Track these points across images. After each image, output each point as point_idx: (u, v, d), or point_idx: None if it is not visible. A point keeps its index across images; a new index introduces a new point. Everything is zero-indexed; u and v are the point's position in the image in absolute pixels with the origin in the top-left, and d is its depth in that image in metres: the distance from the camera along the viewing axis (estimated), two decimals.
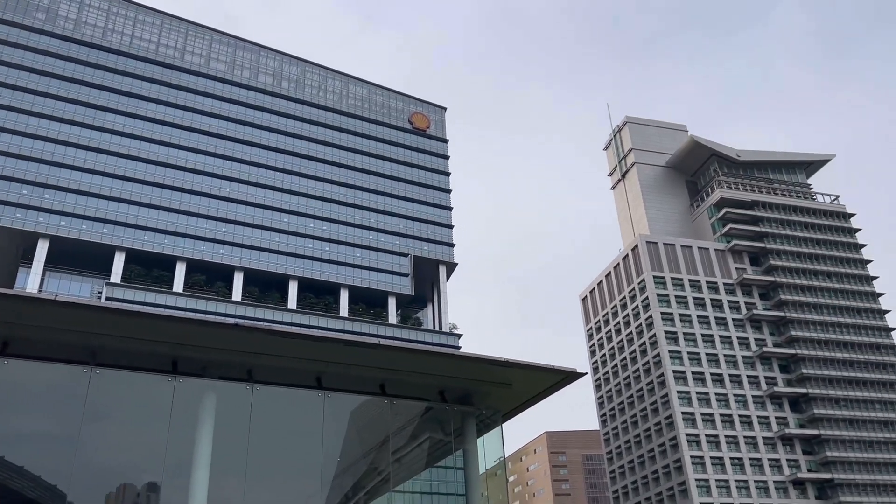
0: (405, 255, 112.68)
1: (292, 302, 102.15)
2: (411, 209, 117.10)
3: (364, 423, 19.60)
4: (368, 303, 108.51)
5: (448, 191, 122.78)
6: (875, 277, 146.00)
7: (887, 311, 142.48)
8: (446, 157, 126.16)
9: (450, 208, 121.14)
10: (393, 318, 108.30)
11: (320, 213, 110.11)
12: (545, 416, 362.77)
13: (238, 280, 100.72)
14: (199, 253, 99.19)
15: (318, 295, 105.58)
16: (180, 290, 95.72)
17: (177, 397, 15.81)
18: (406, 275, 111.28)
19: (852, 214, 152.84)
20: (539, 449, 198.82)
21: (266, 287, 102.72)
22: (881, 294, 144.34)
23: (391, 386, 18.38)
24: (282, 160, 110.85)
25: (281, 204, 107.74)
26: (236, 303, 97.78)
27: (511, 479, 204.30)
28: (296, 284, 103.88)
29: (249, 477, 16.22)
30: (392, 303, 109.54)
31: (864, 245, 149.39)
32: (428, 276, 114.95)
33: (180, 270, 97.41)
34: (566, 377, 18.99)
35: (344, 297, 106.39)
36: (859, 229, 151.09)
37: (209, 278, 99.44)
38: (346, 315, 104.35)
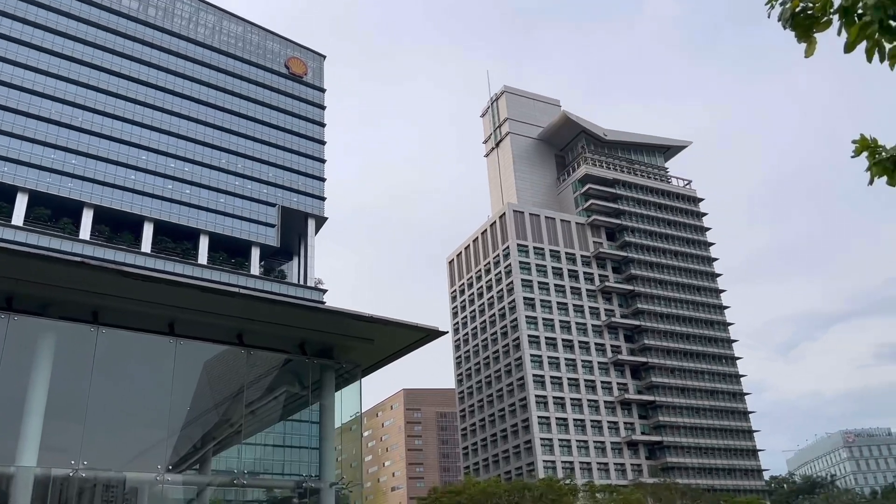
0: (272, 204, 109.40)
1: (146, 245, 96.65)
2: (282, 158, 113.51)
3: (218, 373, 18.97)
4: (230, 251, 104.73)
5: (322, 142, 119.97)
6: (715, 259, 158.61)
7: (723, 291, 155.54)
8: (322, 108, 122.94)
9: (323, 160, 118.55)
10: (256, 269, 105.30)
11: (183, 153, 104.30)
12: (403, 374, 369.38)
13: (87, 217, 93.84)
14: (45, 185, 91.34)
15: (176, 240, 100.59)
16: (20, 224, 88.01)
17: (10, 336, 14.54)
18: (272, 225, 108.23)
19: (701, 199, 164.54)
20: (395, 405, 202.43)
21: (118, 227, 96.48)
22: (719, 274, 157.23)
23: (249, 336, 17.83)
24: (143, 93, 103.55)
25: (140, 140, 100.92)
26: (84, 241, 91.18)
27: (366, 434, 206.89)
28: (151, 226, 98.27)
29: (89, 424, 15.27)
30: (255, 253, 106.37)
31: (709, 228, 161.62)
32: (296, 229, 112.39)
33: (21, 202, 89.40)
34: (427, 335, 19.23)
35: (204, 243, 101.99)
36: (706, 213, 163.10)
37: (55, 213, 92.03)
38: (206, 263, 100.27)
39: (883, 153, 5.06)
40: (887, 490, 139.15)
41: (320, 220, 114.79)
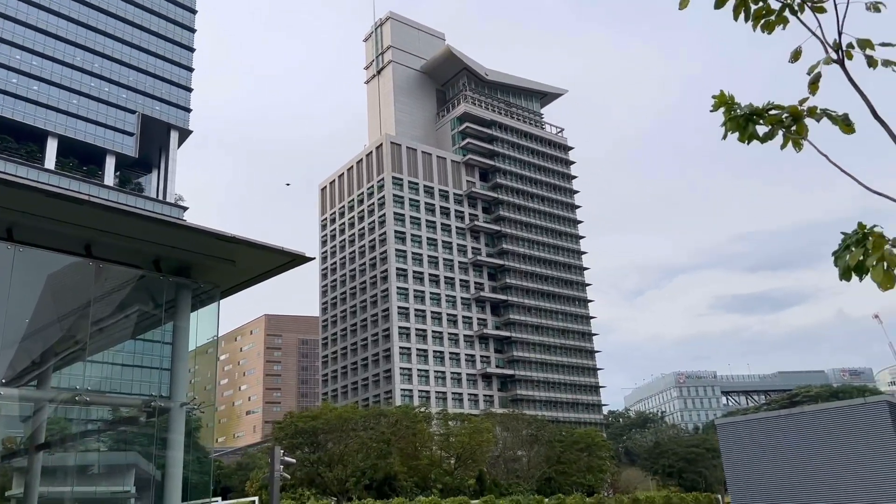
0: (132, 111, 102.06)
1: None
2: (146, 62, 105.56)
3: (63, 286, 17.73)
4: (82, 158, 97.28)
5: (191, 49, 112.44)
6: (578, 207, 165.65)
7: (583, 237, 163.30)
8: (193, 11, 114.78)
9: (190, 69, 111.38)
10: (110, 179, 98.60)
11: (32, 45, 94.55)
12: (266, 300, 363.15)
13: None
14: None
15: (20, 140, 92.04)
16: None
17: None
18: (130, 133, 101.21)
19: (571, 147, 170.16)
20: (256, 330, 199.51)
21: None
22: (580, 222, 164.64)
23: (99, 248, 16.65)
24: None
25: None
26: None
27: (223, 357, 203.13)
28: None
29: None
30: (110, 162, 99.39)
31: (576, 177, 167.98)
32: (157, 140, 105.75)
33: None
34: (293, 260, 18.77)
35: (52, 146, 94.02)
36: (574, 162, 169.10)
37: None
38: (53, 168, 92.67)
39: (738, 110, 5.32)
40: (707, 426, 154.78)
41: (184, 133, 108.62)
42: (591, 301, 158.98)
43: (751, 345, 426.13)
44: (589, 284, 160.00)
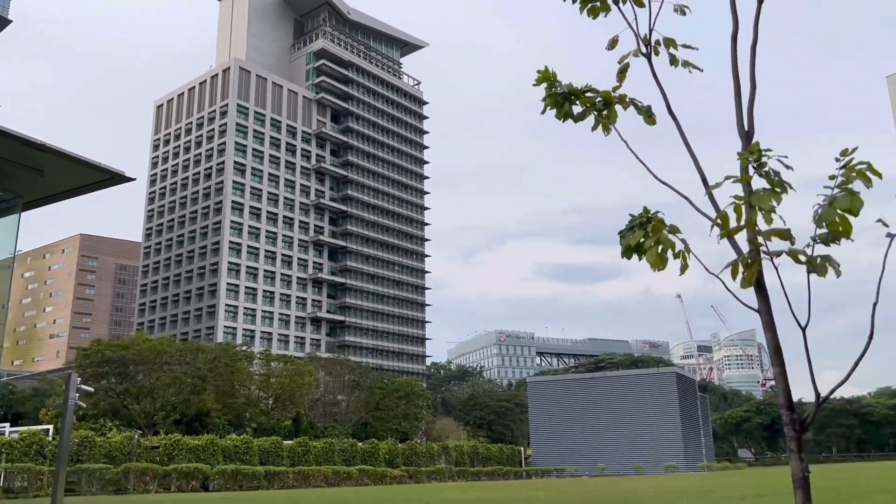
0: None
1: None
2: None
3: None
4: None
5: None
6: (427, 162, 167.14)
7: (427, 193, 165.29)
8: None
9: None
10: None
11: None
12: (84, 219, 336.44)
13: None
14: None
15: None
16: None
17: None
18: None
19: (426, 102, 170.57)
20: (69, 249, 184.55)
21: None
22: (427, 177, 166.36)
23: None
24: None
25: None
26: None
27: (27, 274, 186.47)
28: None
29: None
30: None
31: (428, 132, 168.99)
32: None
33: None
34: (111, 178, 17.47)
35: None
36: (428, 117, 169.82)
37: None
38: None
39: (558, 88, 5.54)
40: (520, 383, 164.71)
41: (2, 22, 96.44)
42: (428, 256, 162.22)
43: (568, 311, 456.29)
44: (428, 240, 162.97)
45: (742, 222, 4.18)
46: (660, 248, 4.66)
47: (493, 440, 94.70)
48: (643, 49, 5.08)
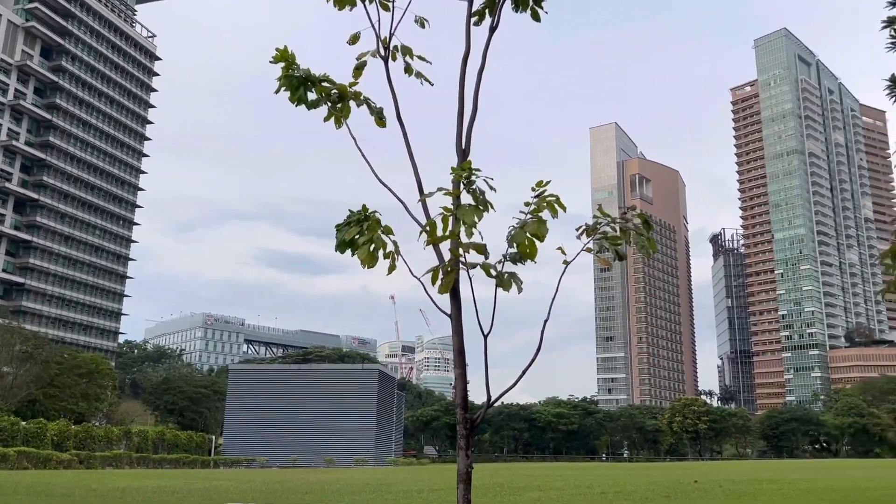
0: None
1: None
2: None
3: None
4: None
5: None
6: (151, 122, 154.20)
7: (147, 156, 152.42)
8: None
9: None
10: None
11: None
12: None
13: None
14: None
15: None
16: None
17: None
18: None
19: (160, 59, 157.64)
20: None
21: None
22: (149, 139, 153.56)
23: None
24: None
25: None
26: None
27: None
28: None
29: None
30: None
31: (157, 90, 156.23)
32: None
33: None
34: None
35: None
36: (159, 74, 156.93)
37: None
38: None
39: (296, 71, 5.43)
40: (222, 369, 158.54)
41: None
42: (137, 224, 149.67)
43: (285, 301, 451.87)
44: (140, 206, 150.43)
45: (447, 232, 4.46)
46: (372, 246, 4.79)
47: (183, 427, 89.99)
48: (381, 52, 5.19)
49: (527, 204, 4.49)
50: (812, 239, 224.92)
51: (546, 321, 4.71)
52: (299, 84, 5.39)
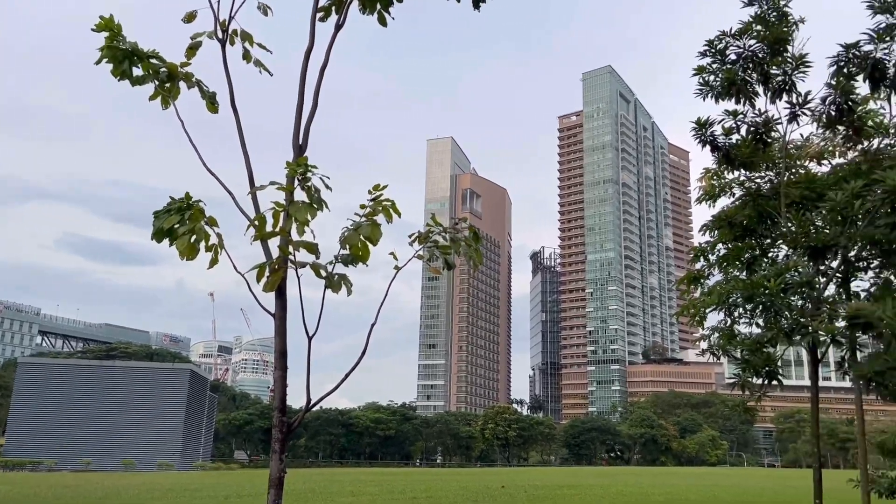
0: None
1: None
2: None
3: None
4: None
5: None
6: None
7: None
8: None
9: None
10: None
11: None
12: None
13: None
14: None
15: None
16: None
17: None
18: None
19: None
20: None
21: None
22: None
23: None
24: None
25: None
26: None
27: None
28: None
29: None
30: None
31: None
32: None
33: None
34: None
35: None
36: None
37: None
38: None
39: (122, 43, 5.04)
40: (9, 363, 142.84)
41: None
42: None
43: (89, 291, 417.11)
44: None
45: (277, 229, 4.31)
46: (193, 237, 4.52)
47: None
48: (219, 34, 4.94)
49: (362, 206, 4.45)
50: (620, 262, 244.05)
51: (373, 325, 4.69)
52: (124, 57, 5.00)
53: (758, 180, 12.94)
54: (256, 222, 4.32)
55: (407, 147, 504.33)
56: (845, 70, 10.71)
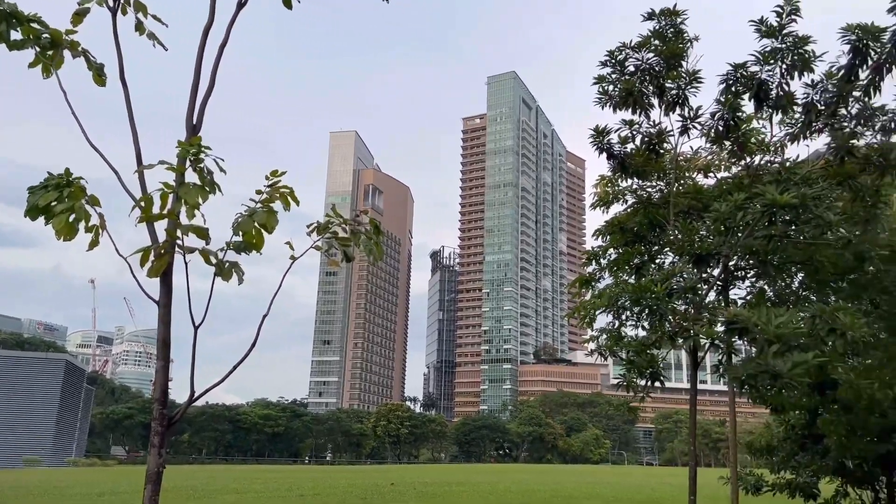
0: None
1: None
2: None
3: None
4: None
5: None
6: None
7: None
8: None
9: None
10: None
11: None
12: None
13: None
14: None
15: None
16: None
17: None
18: None
19: None
20: None
21: None
22: None
23: None
24: None
25: None
26: None
27: None
28: None
29: None
30: None
31: None
32: None
33: None
34: None
35: None
36: None
37: None
38: None
39: (2, 5, 4.65)
40: None
41: None
42: None
43: None
44: None
45: (165, 211, 4.07)
46: (72, 216, 4.21)
47: None
48: (110, 2, 4.63)
49: (258, 192, 4.28)
50: (516, 264, 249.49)
51: (265, 316, 4.53)
52: (2, 19, 4.60)
53: (649, 189, 13.48)
54: (143, 203, 4.07)
55: (310, 143, 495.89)
56: (733, 88, 11.33)
